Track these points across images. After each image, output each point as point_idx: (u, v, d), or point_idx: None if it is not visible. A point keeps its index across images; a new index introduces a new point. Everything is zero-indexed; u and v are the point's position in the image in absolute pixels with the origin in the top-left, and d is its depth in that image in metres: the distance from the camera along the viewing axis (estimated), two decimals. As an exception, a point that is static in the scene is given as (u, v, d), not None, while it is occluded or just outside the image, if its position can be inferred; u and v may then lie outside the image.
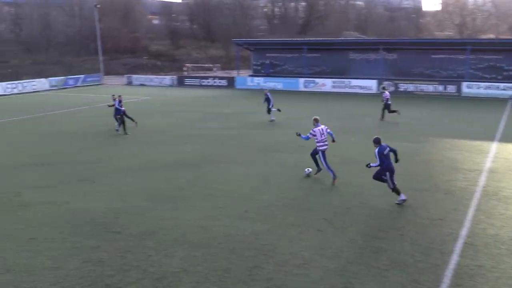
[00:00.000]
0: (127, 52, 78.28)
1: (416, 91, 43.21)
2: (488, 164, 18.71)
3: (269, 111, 29.35)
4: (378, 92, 44.16)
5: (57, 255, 11.16)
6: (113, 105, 26.23)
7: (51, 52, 70.98)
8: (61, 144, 23.34)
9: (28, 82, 50.67)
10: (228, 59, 79.24)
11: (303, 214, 13.50)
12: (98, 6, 60.55)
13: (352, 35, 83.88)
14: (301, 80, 47.83)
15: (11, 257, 11.08)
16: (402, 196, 14.16)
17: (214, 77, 53.92)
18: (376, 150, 14.03)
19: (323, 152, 16.33)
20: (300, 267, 10.48)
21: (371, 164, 14.29)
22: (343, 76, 48.06)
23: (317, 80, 47.34)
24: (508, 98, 39.62)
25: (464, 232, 12.26)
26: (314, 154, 16.72)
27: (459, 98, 40.90)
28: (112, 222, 12.98)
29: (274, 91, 46.77)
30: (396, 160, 14.40)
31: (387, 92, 29.63)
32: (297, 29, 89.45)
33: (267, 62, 53.43)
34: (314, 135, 16.29)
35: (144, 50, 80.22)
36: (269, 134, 24.93)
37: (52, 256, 11.09)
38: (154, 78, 56.84)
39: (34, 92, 49.54)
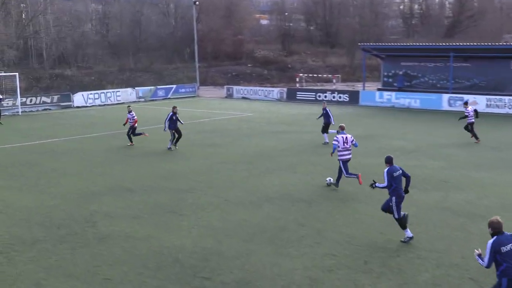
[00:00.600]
0: (228, 58, 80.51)
1: None
2: None
3: (325, 129, 29.73)
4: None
5: (135, 301, 11.58)
6: (127, 121, 29.78)
7: (140, 57, 74.65)
8: (147, 166, 24.36)
9: (113, 91, 53.64)
10: (351, 68, 79.11)
11: (442, 270, 12.99)
12: (197, 2, 63.02)
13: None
14: (445, 96, 46.48)
15: (83, 299, 11.67)
16: (408, 233, 14.68)
17: (333, 91, 53.94)
18: (386, 170, 14.78)
19: (345, 161, 19.60)
20: None
21: (377, 184, 15.06)
22: (502, 93, 46.04)
23: (466, 96, 45.78)
24: None
25: None
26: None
27: None
28: (201, 265, 13.25)
29: (408, 110, 46.03)
30: (406, 190, 15.01)
31: (469, 109, 30.04)
32: (441, 32, 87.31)
33: (401, 72, 52.61)
34: (337, 142, 19.56)
35: (248, 56, 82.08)
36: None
37: (129, 302, 11.53)
38: (259, 90, 57.92)
39: (118, 104, 52.30)
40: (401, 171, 14.92)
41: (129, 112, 30.11)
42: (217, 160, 25.63)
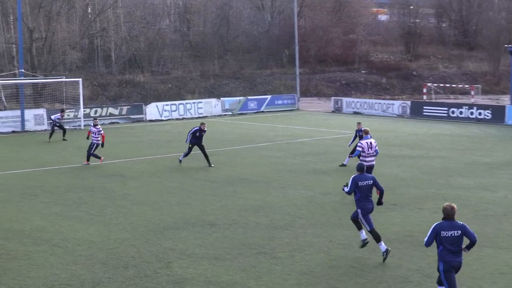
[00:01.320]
0: (337, 63, 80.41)
1: None
2: None
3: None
4: None
5: None
6: (89, 134, 31.81)
7: (227, 60, 75.49)
8: (234, 196, 24.59)
9: (193, 103, 54.66)
10: (495, 77, 77.36)
11: None
12: (299, -7, 63.54)
13: None
14: None
15: None
16: (363, 235, 17.52)
17: (471, 105, 52.91)
18: (352, 176, 17.24)
19: (369, 168, 22.37)
20: None
21: (344, 188, 17.44)
22: None
23: None
24: None
25: None
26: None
27: None
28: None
29: None
30: (379, 202, 17.84)
31: None
32: None
33: None
34: (362, 147, 23.19)
35: (362, 60, 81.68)
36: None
37: None
38: (376, 104, 57.55)
39: (199, 117, 53.21)
40: (372, 181, 17.24)
41: (95, 125, 31.84)
42: (320, 191, 25.60)
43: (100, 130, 31.51)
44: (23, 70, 46.52)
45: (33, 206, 23.21)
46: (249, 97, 58.99)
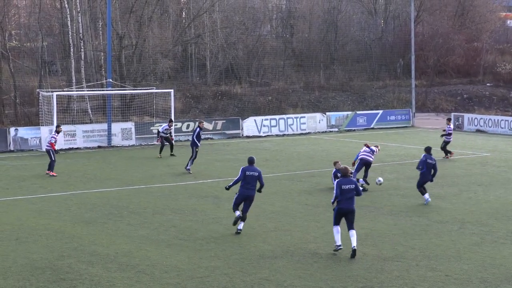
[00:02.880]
0: (458, 75, 79.21)
1: None
2: None
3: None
4: None
5: None
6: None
7: (335, 70, 75.28)
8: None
9: (295, 117, 54.76)
10: None
11: None
12: (416, -4, 63.06)
13: None
14: None
15: None
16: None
17: None
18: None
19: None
20: None
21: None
22: None
23: None
24: None
25: None
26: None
27: None
28: None
29: None
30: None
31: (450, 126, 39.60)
32: None
33: None
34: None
35: (488, 71, 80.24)
36: None
37: None
38: (503, 121, 56.43)
39: (302, 134, 53.31)
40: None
41: (58, 132, 34.90)
42: (436, 218, 25.33)
43: (55, 137, 34.14)
44: (111, 80, 47.23)
45: (119, 228, 23.68)
46: (358, 112, 58.77)
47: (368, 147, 31.79)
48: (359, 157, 31.45)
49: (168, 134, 40.95)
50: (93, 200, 28.30)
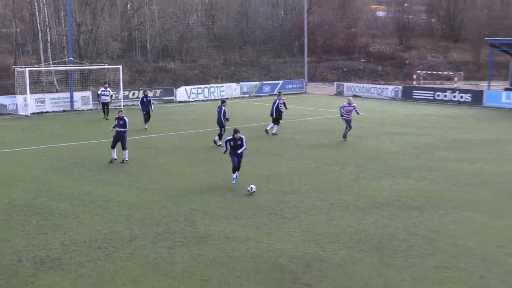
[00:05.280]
0: (339, 53, 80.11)
1: None
2: None
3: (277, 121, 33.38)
4: None
5: (232, 304, 12.00)
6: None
7: (246, 50, 75.42)
8: (251, 166, 24.71)
9: (216, 86, 54.78)
10: (476, 65, 76.85)
11: None
12: (308, -7, 63.41)
13: None
14: None
15: (180, 299, 12.21)
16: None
17: (454, 90, 52.73)
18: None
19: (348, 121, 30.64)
20: None
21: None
22: None
23: None
24: None
25: None
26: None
27: None
28: (302, 271, 13.50)
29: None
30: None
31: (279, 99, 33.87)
32: None
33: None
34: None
35: (361, 50, 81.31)
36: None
37: (226, 305, 11.96)
38: (372, 88, 57.43)
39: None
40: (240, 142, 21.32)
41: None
42: (323, 162, 25.80)
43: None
44: (72, 58, 46.59)
45: (81, 173, 23.53)
46: (264, 82, 58.89)
47: (350, 104, 31.41)
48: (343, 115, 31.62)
49: (109, 97, 40.12)
50: (60, 152, 27.95)
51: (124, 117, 25.08)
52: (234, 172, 21.67)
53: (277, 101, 33.14)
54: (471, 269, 13.77)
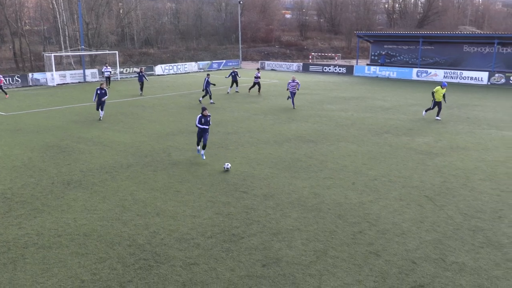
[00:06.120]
0: (262, 42, 79.32)
1: (529, 84, 39.24)
2: None
3: (234, 83, 32.95)
4: (488, 83, 40.76)
5: (196, 206, 11.92)
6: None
7: (201, 40, 73.93)
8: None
9: (182, 64, 53.51)
10: (348, 49, 77.54)
11: (406, 190, 13.05)
12: (241, 2, 62.00)
13: (468, 30, 77.63)
14: (415, 70, 45.44)
15: (161, 204, 12.05)
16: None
17: (335, 65, 53.03)
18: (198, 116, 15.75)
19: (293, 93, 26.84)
20: (399, 236, 10.21)
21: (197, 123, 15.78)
22: (455, 68, 44.91)
23: (429, 70, 44.71)
24: None
25: None
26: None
27: None
28: (240, 183, 13.53)
29: (388, 79, 45.16)
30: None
31: (258, 73, 33.43)
32: (414, 23, 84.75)
33: (384, 53, 51.43)
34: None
35: (276, 40, 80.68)
36: (382, 118, 24.18)
37: (191, 207, 11.87)
38: (283, 64, 57.20)
39: (185, 73, 52.32)
40: (208, 119, 15.79)
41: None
42: (253, 112, 25.68)
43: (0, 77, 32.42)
44: (83, 47, 44.46)
45: (92, 124, 22.75)
46: (213, 61, 57.85)
47: (293, 80, 27.14)
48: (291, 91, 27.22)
49: (109, 72, 38.55)
50: (77, 110, 26.92)
51: (104, 88, 23.60)
52: (203, 148, 16.04)
53: (206, 78, 29.68)
54: (347, 178, 14.07)
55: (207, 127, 15.81)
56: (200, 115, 15.69)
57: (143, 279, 8.55)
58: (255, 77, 33.48)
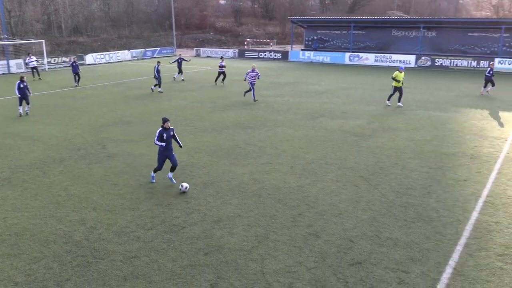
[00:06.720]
0: (196, 28, 78.40)
1: (451, 66, 41.48)
2: (514, 133, 17.89)
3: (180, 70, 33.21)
4: (416, 66, 42.68)
5: (134, 198, 11.67)
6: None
7: (133, 28, 71.86)
8: (141, 106, 23.94)
9: (114, 53, 51.86)
10: (283, 35, 78.31)
11: (342, 171, 13.46)
12: (173, -12, 60.88)
13: (396, 15, 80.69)
14: (347, 54, 46.71)
15: (98, 198, 11.69)
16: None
17: (270, 51, 53.43)
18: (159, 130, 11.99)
19: (253, 84, 24.94)
20: (336, 216, 10.53)
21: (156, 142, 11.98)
22: (385, 52, 46.62)
23: (361, 54, 46.12)
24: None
25: (485, 192, 11.91)
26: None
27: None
28: (179, 173, 13.37)
29: (322, 64, 46.12)
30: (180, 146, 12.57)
31: (222, 62, 31.55)
32: (346, 9, 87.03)
33: (317, 38, 52.40)
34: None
35: (211, 26, 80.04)
36: (316, 102, 24.70)
37: (129, 199, 11.61)
38: (219, 51, 56.92)
39: (118, 62, 50.79)
40: (172, 133, 12.11)
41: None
42: (190, 101, 25.40)
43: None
44: (6, 36, 42.06)
45: (19, 118, 21.53)
46: (147, 49, 56.49)
47: (253, 70, 24.94)
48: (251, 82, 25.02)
49: (35, 62, 36.56)
50: (2, 104, 25.42)
51: (25, 81, 22.25)
52: (172, 171, 12.43)
53: (156, 66, 28.99)
54: (285, 163, 14.29)
55: (170, 145, 11.98)
56: (160, 128, 11.89)
57: (81, 277, 8.29)
58: (220, 66, 31.53)
